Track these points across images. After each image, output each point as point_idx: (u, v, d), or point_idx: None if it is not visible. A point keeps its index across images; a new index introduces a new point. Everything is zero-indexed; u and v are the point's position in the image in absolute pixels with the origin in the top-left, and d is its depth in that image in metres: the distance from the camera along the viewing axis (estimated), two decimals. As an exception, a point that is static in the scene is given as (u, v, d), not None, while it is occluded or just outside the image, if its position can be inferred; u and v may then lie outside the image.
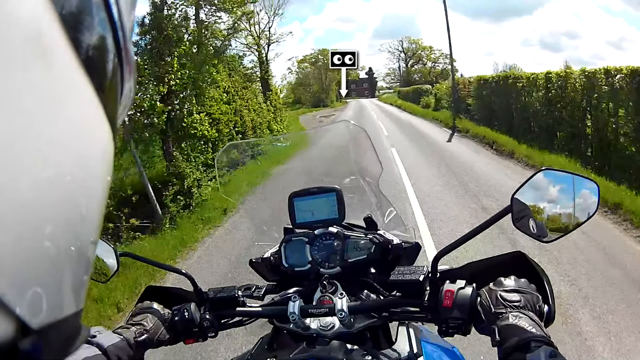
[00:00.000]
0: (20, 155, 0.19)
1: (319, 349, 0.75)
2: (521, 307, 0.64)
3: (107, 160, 0.26)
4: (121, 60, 0.26)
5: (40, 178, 0.20)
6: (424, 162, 8.10)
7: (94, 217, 0.26)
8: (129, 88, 0.28)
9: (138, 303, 0.87)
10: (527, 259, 0.73)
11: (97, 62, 0.24)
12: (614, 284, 3.10)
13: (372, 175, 1.04)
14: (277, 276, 0.97)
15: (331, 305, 0.78)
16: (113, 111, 0.26)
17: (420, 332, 0.83)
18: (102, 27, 0.24)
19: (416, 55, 39.18)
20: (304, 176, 1.17)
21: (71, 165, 0.22)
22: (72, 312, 0.24)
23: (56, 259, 0.22)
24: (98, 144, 0.25)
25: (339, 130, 1.22)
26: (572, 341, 2.45)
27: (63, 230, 0.22)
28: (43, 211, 0.20)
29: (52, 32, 0.20)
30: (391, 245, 0.89)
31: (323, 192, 0.90)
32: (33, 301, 0.20)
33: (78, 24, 0.22)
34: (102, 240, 0.86)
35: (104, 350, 0.69)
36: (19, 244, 0.19)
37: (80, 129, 0.23)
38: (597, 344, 2.44)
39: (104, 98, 0.24)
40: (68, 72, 0.21)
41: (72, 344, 0.25)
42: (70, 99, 0.22)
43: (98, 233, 0.27)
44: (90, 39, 0.23)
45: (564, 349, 0.72)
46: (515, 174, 6.55)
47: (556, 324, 0.76)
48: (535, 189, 0.66)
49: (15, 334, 0.19)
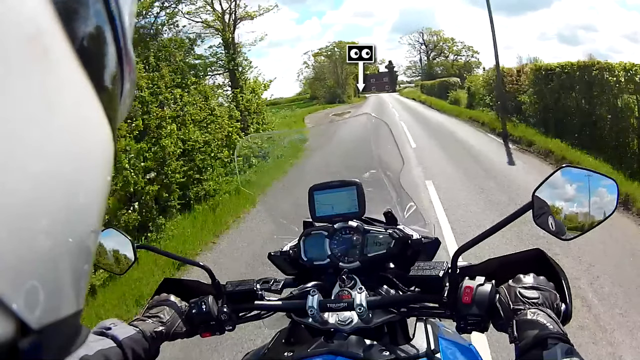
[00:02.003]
0: (17, 153, 0.19)
1: (337, 343, 0.75)
2: (539, 304, 0.65)
3: (107, 159, 0.26)
4: (121, 60, 0.26)
5: (38, 177, 0.20)
6: (489, 219, 4.31)
7: (93, 210, 0.26)
8: (129, 87, 0.28)
9: (154, 295, 0.88)
10: (546, 257, 0.73)
11: (97, 61, 0.24)
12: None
13: (393, 169, 1.03)
14: (296, 270, 0.98)
15: (350, 300, 0.78)
16: (113, 110, 0.26)
17: (438, 329, 0.84)
18: (102, 27, 0.24)
19: (438, 48, 37.44)
20: (324, 169, 1.16)
21: (70, 164, 0.22)
22: (72, 312, 0.25)
23: (54, 254, 0.22)
24: (97, 142, 0.25)
25: (360, 122, 1.25)
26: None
27: (61, 224, 0.22)
28: (40, 207, 0.20)
29: (52, 31, 0.20)
30: (411, 241, 0.89)
31: (343, 186, 0.91)
32: (32, 300, 0.20)
33: (78, 23, 0.22)
34: (119, 231, 0.89)
35: (119, 343, 0.69)
36: (16, 240, 0.19)
37: (79, 127, 0.23)
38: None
39: (103, 97, 0.24)
40: (68, 71, 0.22)
41: (73, 344, 0.25)
42: (70, 98, 0.22)
43: (99, 224, 0.27)
44: (90, 38, 0.23)
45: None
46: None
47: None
48: (555, 187, 0.66)
49: (15, 333, 0.19)
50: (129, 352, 0.69)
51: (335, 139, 1.29)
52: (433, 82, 27.28)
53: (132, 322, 0.77)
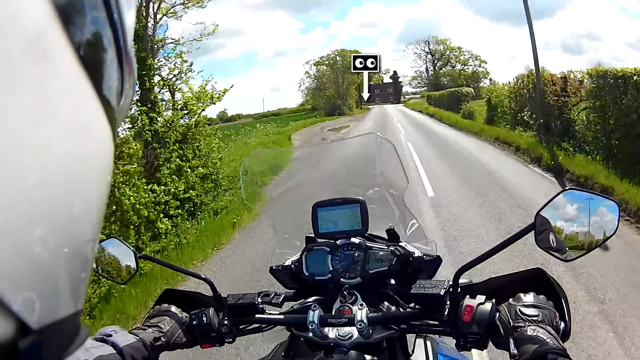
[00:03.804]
0: (16, 155, 0.19)
1: (336, 358, 0.76)
2: (539, 322, 0.67)
3: (107, 160, 0.27)
4: (121, 60, 0.26)
5: (38, 178, 0.20)
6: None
7: (91, 216, 0.26)
8: (129, 88, 0.28)
9: (155, 305, 0.90)
10: (546, 276, 0.75)
11: (97, 62, 0.24)
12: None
13: (398, 188, 1.05)
14: (297, 284, 0.99)
15: (351, 316, 0.80)
16: (113, 111, 0.26)
17: (437, 345, 0.85)
18: (102, 27, 0.24)
19: (444, 57, 36.34)
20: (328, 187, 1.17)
21: (70, 165, 0.23)
22: (72, 312, 0.25)
23: (51, 258, 0.22)
24: (98, 143, 0.25)
25: (365, 141, 1.28)
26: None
27: (58, 230, 0.22)
28: (38, 211, 0.21)
29: (52, 32, 0.20)
30: (412, 258, 0.90)
31: (347, 203, 0.93)
32: (32, 300, 0.21)
33: (78, 25, 0.22)
34: (122, 242, 0.91)
35: (119, 350, 0.70)
36: (15, 243, 0.19)
37: (79, 129, 0.23)
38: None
39: (103, 98, 0.25)
40: (68, 72, 0.22)
41: (72, 344, 0.25)
42: (70, 99, 0.22)
43: (97, 231, 0.28)
44: (90, 39, 0.23)
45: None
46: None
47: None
48: (557, 208, 0.68)
49: (15, 333, 0.20)
50: (129, 359, 0.71)
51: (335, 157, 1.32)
52: (442, 92, 24.74)
53: (132, 330, 0.79)
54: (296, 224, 1.07)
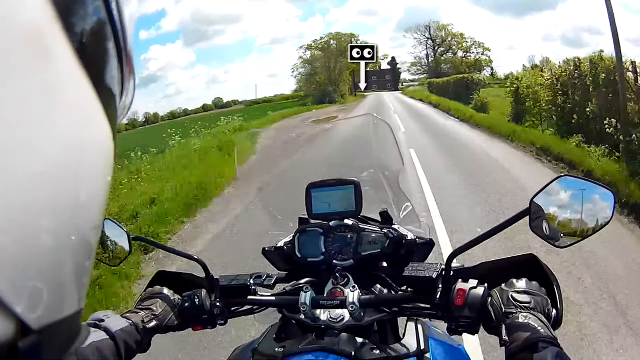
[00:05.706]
0: (18, 151, 0.19)
1: (327, 340, 0.77)
2: (531, 309, 0.67)
3: (107, 158, 0.27)
4: (121, 60, 0.26)
5: (39, 175, 0.21)
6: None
7: (94, 207, 0.26)
8: (129, 86, 0.29)
9: (147, 288, 0.90)
10: (539, 262, 0.75)
11: (97, 61, 0.24)
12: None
13: (392, 170, 1.06)
14: (289, 266, 1.00)
15: (342, 298, 0.81)
16: (113, 110, 0.27)
17: (428, 329, 0.86)
18: (102, 26, 0.24)
19: (445, 43, 34.08)
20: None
21: (70, 162, 0.23)
22: (72, 312, 0.25)
23: (54, 252, 0.22)
24: (97, 140, 0.25)
25: (361, 122, 1.24)
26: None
27: (62, 223, 0.23)
28: (42, 206, 0.21)
29: (51, 30, 0.21)
30: (405, 240, 0.91)
31: (341, 184, 0.93)
32: (32, 300, 0.21)
33: (78, 23, 0.22)
34: (115, 223, 0.90)
35: (111, 335, 0.70)
36: (18, 240, 0.20)
37: (79, 126, 0.23)
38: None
39: (103, 96, 0.25)
40: (68, 70, 0.22)
41: (72, 343, 0.26)
42: (70, 97, 0.22)
43: (100, 220, 0.28)
44: (90, 39, 0.23)
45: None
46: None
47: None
48: (552, 194, 0.68)
49: (15, 333, 0.20)
50: (121, 344, 0.71)
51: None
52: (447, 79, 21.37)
53: (124, 314, 0.79)
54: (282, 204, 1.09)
